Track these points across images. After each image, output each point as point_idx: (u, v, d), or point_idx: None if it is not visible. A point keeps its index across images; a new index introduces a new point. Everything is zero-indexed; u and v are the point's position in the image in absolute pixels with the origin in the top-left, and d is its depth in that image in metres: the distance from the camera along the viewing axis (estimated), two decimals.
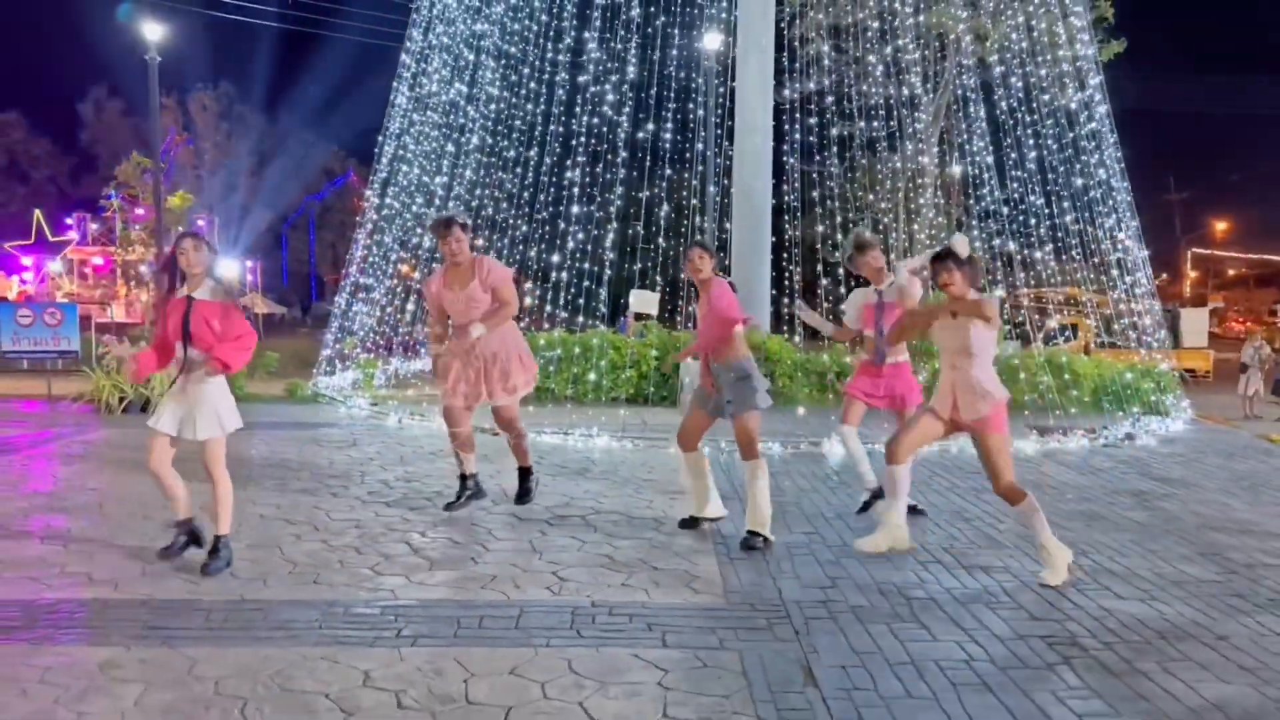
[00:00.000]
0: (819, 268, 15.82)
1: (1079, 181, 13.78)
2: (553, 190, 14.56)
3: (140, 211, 38.94)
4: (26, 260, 42.55)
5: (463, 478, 6.51)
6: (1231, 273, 70.64)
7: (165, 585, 4.90)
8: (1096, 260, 14.21)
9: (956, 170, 22.02)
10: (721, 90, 16.37)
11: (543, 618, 4.53)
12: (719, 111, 16.21)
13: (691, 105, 16.24)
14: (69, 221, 44.19)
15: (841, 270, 13.86)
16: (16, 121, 52.27)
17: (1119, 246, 13.80)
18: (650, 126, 14.14)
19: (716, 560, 5.54)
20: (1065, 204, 14.05)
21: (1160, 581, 5.29)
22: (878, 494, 6.42)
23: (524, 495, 6.60)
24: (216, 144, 47.73)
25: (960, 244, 5.13)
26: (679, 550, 5.74)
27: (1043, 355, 12.56)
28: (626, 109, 13.23)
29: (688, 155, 15.64)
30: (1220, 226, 69.08)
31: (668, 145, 14.51)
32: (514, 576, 5.16)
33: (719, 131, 16.25)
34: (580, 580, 5.11)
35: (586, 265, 13.00)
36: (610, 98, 13.21)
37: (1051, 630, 4.50)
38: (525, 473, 6.63)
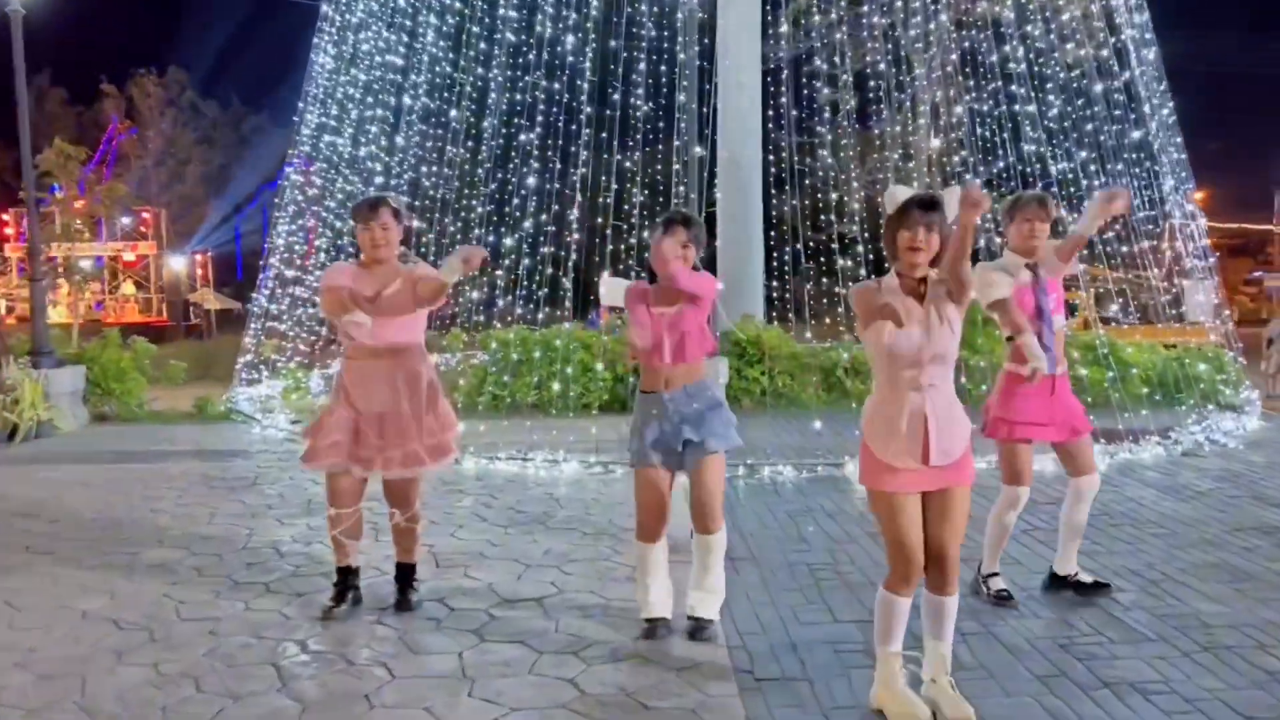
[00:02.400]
0: (832, 245, 13.73)
1: (1092, 136, 12.14)
2: (510, 163, 12.50)
3: (79, 204, 36.44)
4: None
5: (343, 572, 4.50)
6: (1205, 243, 69.79)
7: None
8: (1116, 230, 12.52)
9: (936, 143, 20.33)
10: (696, 50, 14.43)
11: None
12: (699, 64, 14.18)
13: (664, 67, 14.25)
14: (5, 218, 41.66)
15: (850, 249, 12.13)
16: None
17: (1154, 209, 12.16)
18: (619, 85, 12.12)
19: (735, 680, 3.72)
20: (1075, 163, 12.36)
21: None
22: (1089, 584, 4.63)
23: (403, 605, 4.46)
24: (162, 131, 45.11)
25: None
26: (677, 663, 3.89)
27: (1103, 341, 10.76)
28: (589, 62, 11.20)
29: (662, 121, 13.64)
30: (1196, 196, 67.96)
31: (641, 110, 12.53)
32: None
33: (699, 90, 14.24)
34: None
35: (549, 249, 11.01)
36: (570, 41, 11.19)
37: None
38: (406, 573, 4.54)
